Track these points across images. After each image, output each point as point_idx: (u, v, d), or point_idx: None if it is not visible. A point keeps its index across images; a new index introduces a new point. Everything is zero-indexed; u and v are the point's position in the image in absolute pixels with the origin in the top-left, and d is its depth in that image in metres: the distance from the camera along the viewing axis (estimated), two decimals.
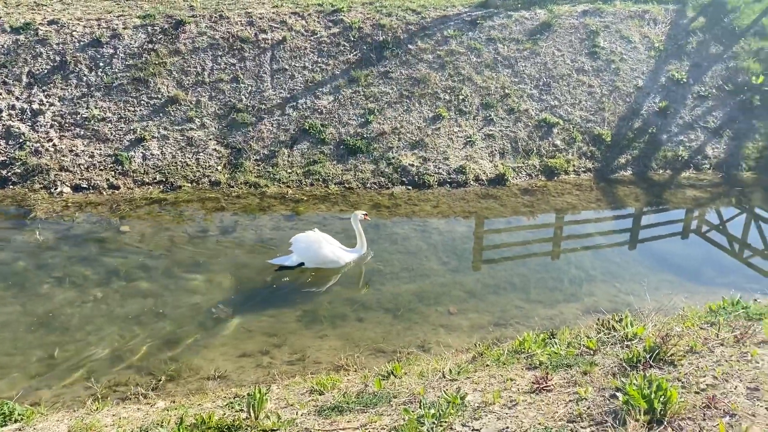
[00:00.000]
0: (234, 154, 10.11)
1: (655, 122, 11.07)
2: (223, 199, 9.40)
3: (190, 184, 9.69)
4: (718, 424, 2.85)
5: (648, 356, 3.78)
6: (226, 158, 10.06)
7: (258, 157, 10.09)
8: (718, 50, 12.01)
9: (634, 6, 12.49)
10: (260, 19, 11.55)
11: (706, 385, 3.32)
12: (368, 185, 9.87)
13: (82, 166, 9.70)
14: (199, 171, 9.86)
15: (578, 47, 11.74)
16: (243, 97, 10.68)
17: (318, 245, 7.56)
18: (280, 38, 11.31)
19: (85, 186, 9.49)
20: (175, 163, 9.91)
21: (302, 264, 7.58)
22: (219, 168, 9.92)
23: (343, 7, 11.87)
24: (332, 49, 11.36)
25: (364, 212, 7.95)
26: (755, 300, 6.45)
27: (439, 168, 10.12)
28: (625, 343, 4.36)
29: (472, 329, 6.66)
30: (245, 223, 8.81)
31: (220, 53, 11.06)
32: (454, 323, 6.74)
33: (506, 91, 11.09)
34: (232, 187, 9.68)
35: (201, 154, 10.04)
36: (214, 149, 10.12)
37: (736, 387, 3.26)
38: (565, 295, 7.40)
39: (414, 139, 10.42)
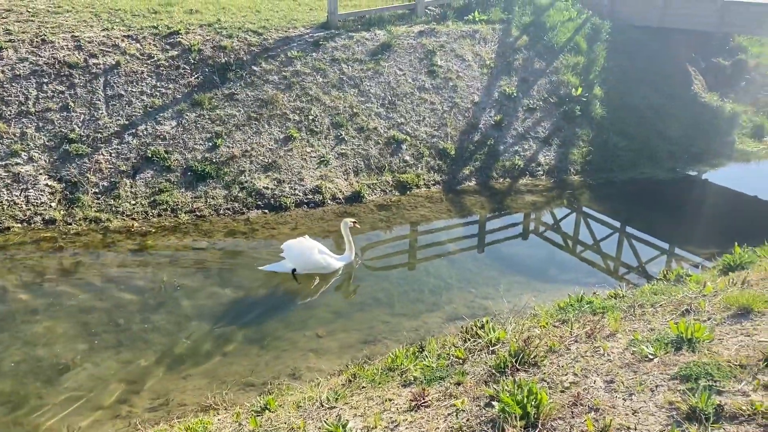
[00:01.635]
0: (69, 189, 9.28)
1: (492, 134, 11.83)
2: (60, 238, 8.57)
3: (20, 225, 8.74)
4: (585, 421, 3.06)
5: (514, 360, 3.98)
6: (61, 193, 9.21)
7: (97, 190, 9.35)
8: (541, 66, 13.13)
9: (465, 26, 13.30)
10: (89, 43, 10.75)
11: (569, 383, 3.56)
12: (221, 212, 9.53)
13: None
14: (29, 209, 8.92)
15: (418, 66, 12.26)
16: (75, 126, 9.86)
17: (311, 252, 7.84)
18: (114, 63, 10.60)
19: None
20: (0, 202, 8.89)
21: (294, 270, 7.89)
22: (53, 204, 9.05)
23: (180, 30, 11.41)
24: (172, 72, 10.86)
25: (353, 219, 8.26)
26: (594, 293, 7.06)
27: (294, 189, 10.03)
28: (491, 348, 4.57)
29: (343, 350, 6.62)
30: (87, 262, 8.10)
31: (45, 80, 10.12)
32: (323, 346, 6.67)
33: (354, 110, 11.28)
34: (70, 224, 8.87)
35: (31, 190, 9.09)
36: (46, 184, 9.22)
37: (595, 381, 3.52)
38: (427, 306, 7.60)
39: (266, 161, 10.24)
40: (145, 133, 10.11)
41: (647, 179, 11.73)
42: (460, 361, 4.50)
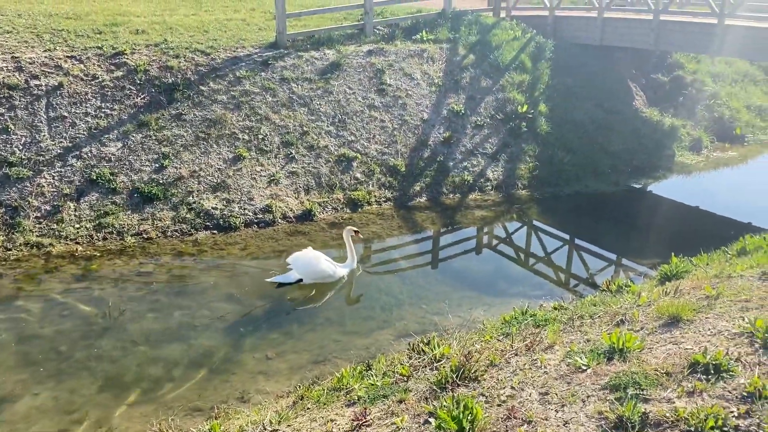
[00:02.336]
0: (9, 213, 9.02)
1: (442, 151, 12.02)
2: None
3: None
4: None
5: (455, 376, 4.04)
6: (0, 218, 8.94)
7: (39, 214, 9.12)
8: (488, 83, 13.43)
9: (413, 45, 13.52)
10: (30, 64, 10.53)
11: (506, 396, 3.64)
12: (169, 233, 9.40)
13: None
14: None
15: (367, 85, 12.39)
16: (16, 149, 9.61)
17: (317, 261, 8.13)
18: (56, 84, 10.40)
19: None
20: None
21: (300, 280, 8.14)
22: None
23: (125, 50, 11.28)
24: (117, 93, 10.71)
25: (355, 229, 8.60)
26: (541, 306, 7.21)
27: (244, 209, 9.97)
28: (435, 365, 4.63)
29: (292, 371, 6.58)
30: (28, 288, 7.87)
31: None
32: (273, 368, 6.62)
33: (305, 128, 11.32)
34: (10, 250, 8.62)
35: None
36: None
37: (530, 394, 3.61)
38: (378, 323, 7.63)
39: (215, 181, 10.16)
40: (89, 155, 9.93)
41: (592, 192, 12.07)
42: (405, 378, 4.54)
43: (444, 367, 4.38)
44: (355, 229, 8.61)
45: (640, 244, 10.24)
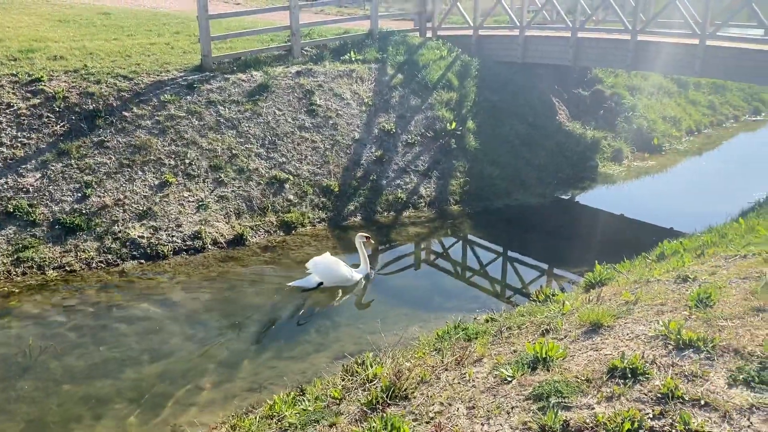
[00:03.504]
0: None
1: (374, 170, 12.09)
2: None
3: None
4: None
5: (385, 395, 4.04)
6: None
7: None
8: (417, 102, 13.64)
9: (342, 66, 13.60)
10: None
11: (434, 412, 3.66)
12: (94, 265, 9.06)
13: None
14: None
15: (297, 106, 12.36)
16: None
17: (337, 266, 8.64)
18: None
19: None
20: None
21: (321, 284, 8.57)
22: None
23: (42, 77, 10.87)
24: (34, 121, 10.30)
25: (367, 235, 9.03)
26: (475, 318, 7.32)
27: (172, 236, 9.72)
28: (367, 385, 4.61)
29: (227, 401, 6.42)
30: None
31: None
32: (206, 399, 6.44)
33: (234, 151, 11.17)
34: None
35: None
36: None
37: (458, 409, 3.64)
38: (314, 346, 7.55)
39: (141, 209, 9.87)
40: (5, 186, 9.48)
41: (521, 205, 12.39)
42: (337, 401, 4.50)
43: (375, 387, 4.37)
44: (367, 235, 9.03)
45: (570, 252, 10.56)
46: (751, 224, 7.64)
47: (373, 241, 9.20)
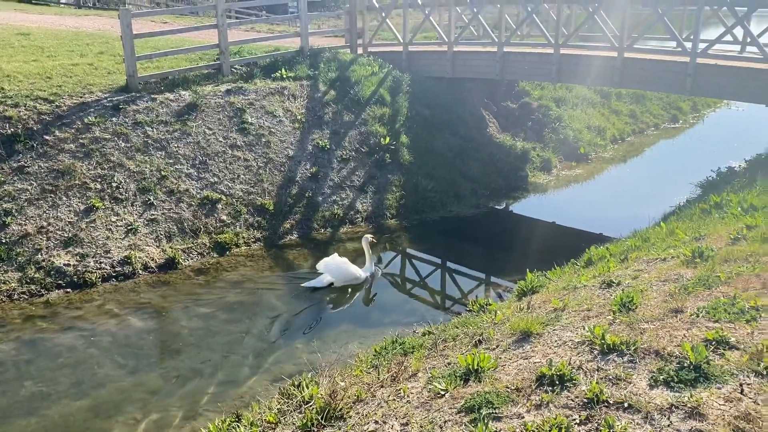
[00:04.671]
0: None
1: (310, 187, 12.03)
2: None
3: None
4: None
5: (320, 417, 4.00)
6: None
7: None
8: (350, 118, 13.69)
9: (273, 83, 13.51)
10: None
11: (369, 431, 3.65)
12: (16, 297, 8.62)
13: None
14: None
15: (228, 125, 12.19)
16: None
17: (346, 266, 9.31)
18: None
19: None
20: None
21: (332, 284, 9.25)
22: None
23: None
24: None
25: (372, 236, 9.87)
26: (414, 332, 7.35)
27: (100, 263, 9.37)
28: (303, 407, 4.55)
29: (160, 430, 6.22)
30: None
31: None
32: (140, 430, 6.21)
33: (163, 173, 10.89)
34: None
35: None
36: None
37: (392, 426, 3.64)
38: (252, 370, 7.41)
39: (66, 235, 9.48)
40: None
41: (456, 216, 12.58)
42: (272, 425, 4.43)
43: (311, 408, 4.32)
44: (372, 236, 9.86)
45: (506, 261, 10.77)
46: (671, 227, 8.01)
47: (374, 241, 9.97)
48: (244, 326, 8.39)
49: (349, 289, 9.40)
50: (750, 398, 3.40)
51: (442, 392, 3.89)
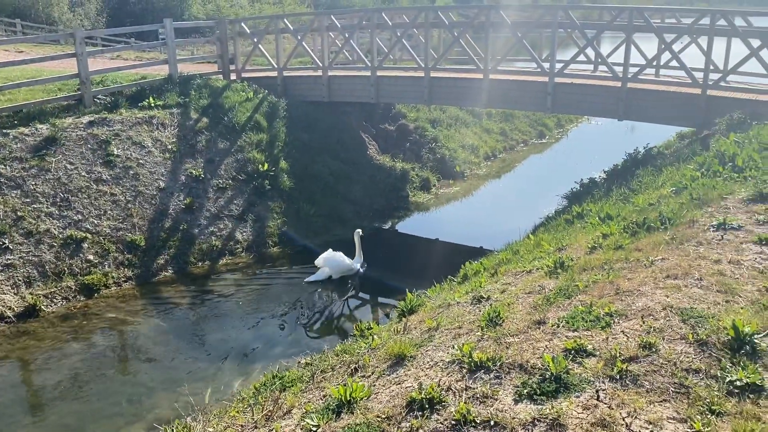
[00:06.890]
0: None
1: (184, 219, 11.56)
2: None
3: None
4: None
5: None
6: None
7: None
8: (226, 145, 13.35)
9: (140, 113, 12.91)
10: None
11: None
12: None
13: None
14: None
15: (92, 158, 11.47)
16: None
17: (342, 259, 10.33)
18: None
19: None
20: None
21: (330, 277, 10.27)
22: None
23: None
24: None
25: (361, 232, 10.88)
26: (299, 362, 7.17)
27: None
28: None
29: None
30: None
31: None
32: None
33: (19, 213, 10.05)
34: None
35: None
36: None
37: None
38: (126, 419, 6.95)
39: None
40: None
41: (340, 240, 12.49)
42: None
43: None
44: (361, 232, 10.84)
45: (392, 281, 10.82)
46: (538, 239, 8.40)
47: (362, 234, 10.94)
48: (116, 371, 7.85)
49: (360, 273, 10.71)
50: (605, 403, 3.57)
51: (314, 429, 3.79)
